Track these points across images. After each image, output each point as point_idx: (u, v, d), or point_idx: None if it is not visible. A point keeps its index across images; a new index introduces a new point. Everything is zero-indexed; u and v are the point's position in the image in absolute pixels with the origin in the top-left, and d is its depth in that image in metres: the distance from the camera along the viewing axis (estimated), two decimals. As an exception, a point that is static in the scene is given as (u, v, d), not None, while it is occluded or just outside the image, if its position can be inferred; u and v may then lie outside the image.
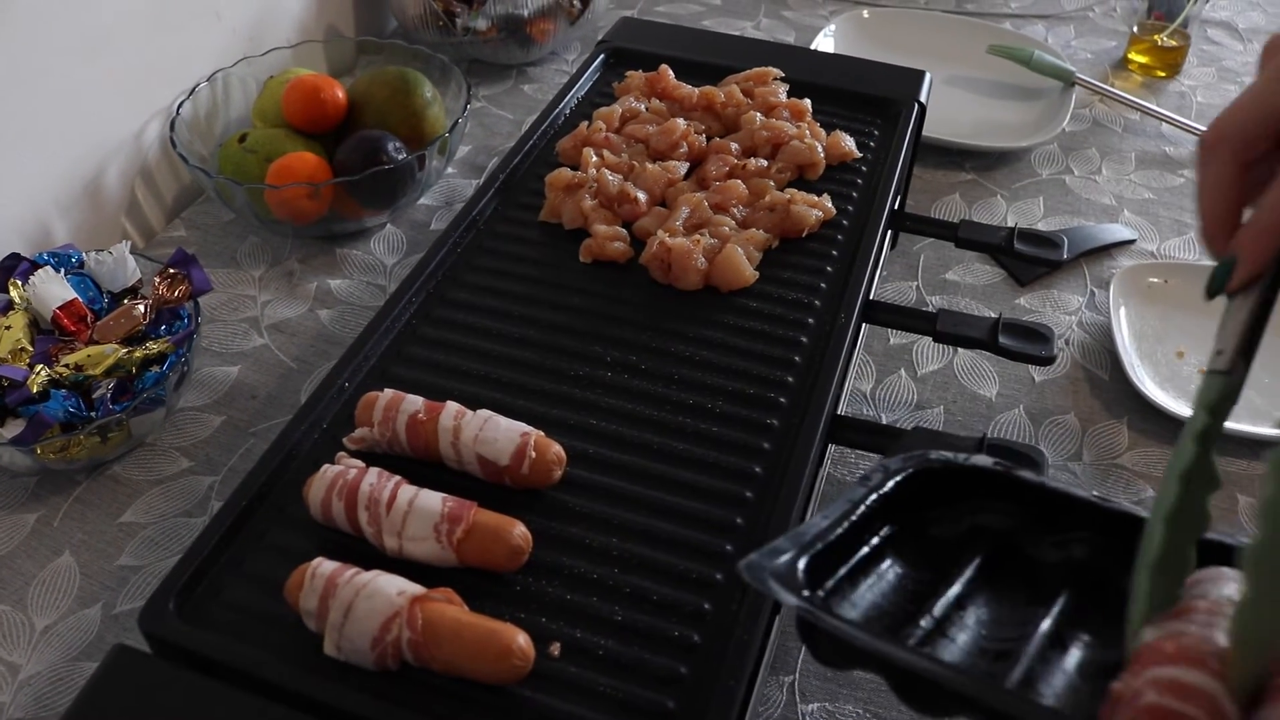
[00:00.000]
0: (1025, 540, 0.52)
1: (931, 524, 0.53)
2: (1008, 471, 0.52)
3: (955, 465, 0.54)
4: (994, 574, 0.52)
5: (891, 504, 0.52)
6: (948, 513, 0.53)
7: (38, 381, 0.81)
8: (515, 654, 0.53)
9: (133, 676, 0.55)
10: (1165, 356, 0.95)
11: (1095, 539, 0.51)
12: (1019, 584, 0.52)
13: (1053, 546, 0.52)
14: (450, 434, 0.63)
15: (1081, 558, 0.52)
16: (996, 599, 0.51)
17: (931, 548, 0.53)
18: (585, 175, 0.84)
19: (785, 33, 1.44)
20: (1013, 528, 0.53)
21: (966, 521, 0.54)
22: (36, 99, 0.95)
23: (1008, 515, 0.53)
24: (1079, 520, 0.51)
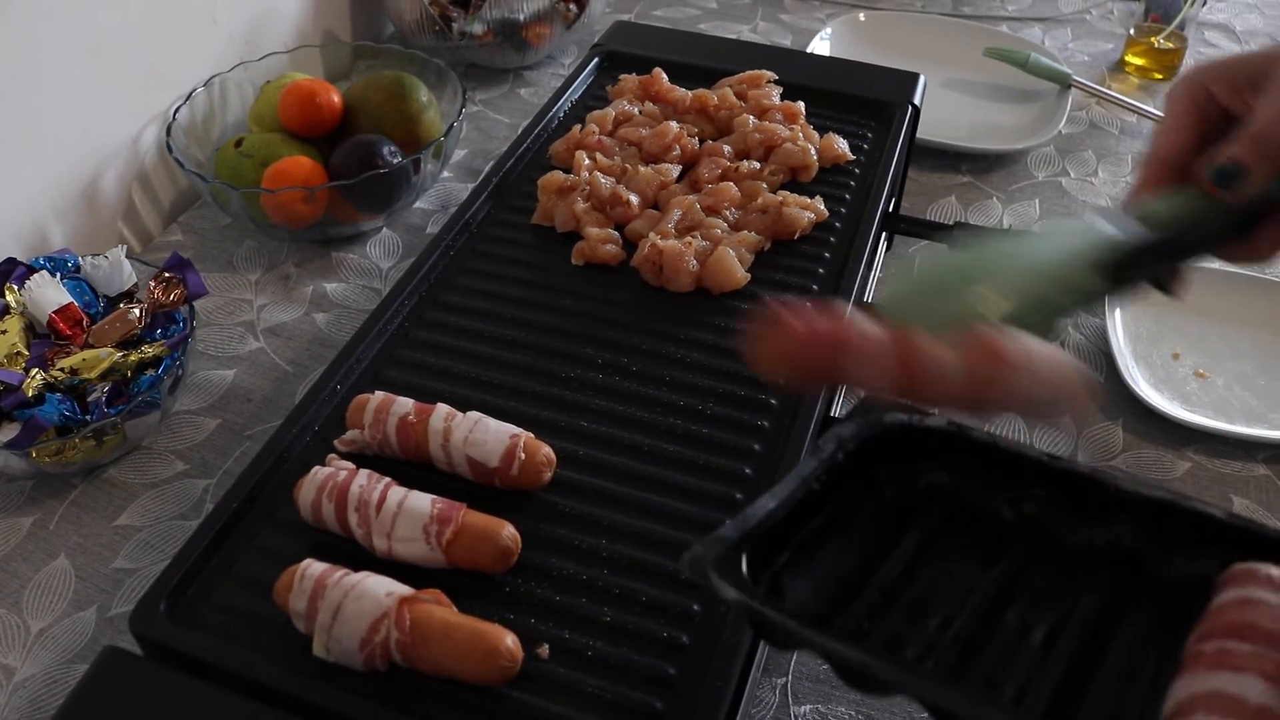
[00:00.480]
0: (979, 499, 0.53)
1: (886, 485, 0.54)
2: (960, 431, 0.53)
3: (908, 426, 0.53)
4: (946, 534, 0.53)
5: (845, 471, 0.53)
6: (902, 473, 0.54)
7: (33, 385, 0.81)
8: (503, 655, 0.53)
9: (123, 678, 0.55)
10: (1161, 358, 0.95)
11: (1048, 497, 0.52)
12: (971, 544, 0.52)
13: (1007, 504, 0.53)
14: (440, 436, 0.63)
15: (1035, 515, 0.52)
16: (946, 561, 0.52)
17: (886, 510, 0.53)
18: (578, 178, 0.84)
19: (782, 36, 1.44)
20: (966, 487, 0.53)
21: (921, 482, 0.54)
22: (34, 103, 0.95)
23: (961, 474, 0.53)
24: (1032, 478, 0.52)
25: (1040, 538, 0.52)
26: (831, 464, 0.51)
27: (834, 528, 0.52)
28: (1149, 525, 0.50)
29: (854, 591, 0.50)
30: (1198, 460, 0.87)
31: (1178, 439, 0.89)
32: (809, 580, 0.50)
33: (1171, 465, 0.87)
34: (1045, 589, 0.50)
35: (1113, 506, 0.50)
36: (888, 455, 0.53)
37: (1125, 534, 0.50)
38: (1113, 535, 0.50)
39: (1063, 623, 0.49)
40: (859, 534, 0.52)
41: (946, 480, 0.54)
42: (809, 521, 0.51)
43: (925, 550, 0.52)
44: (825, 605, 0.50)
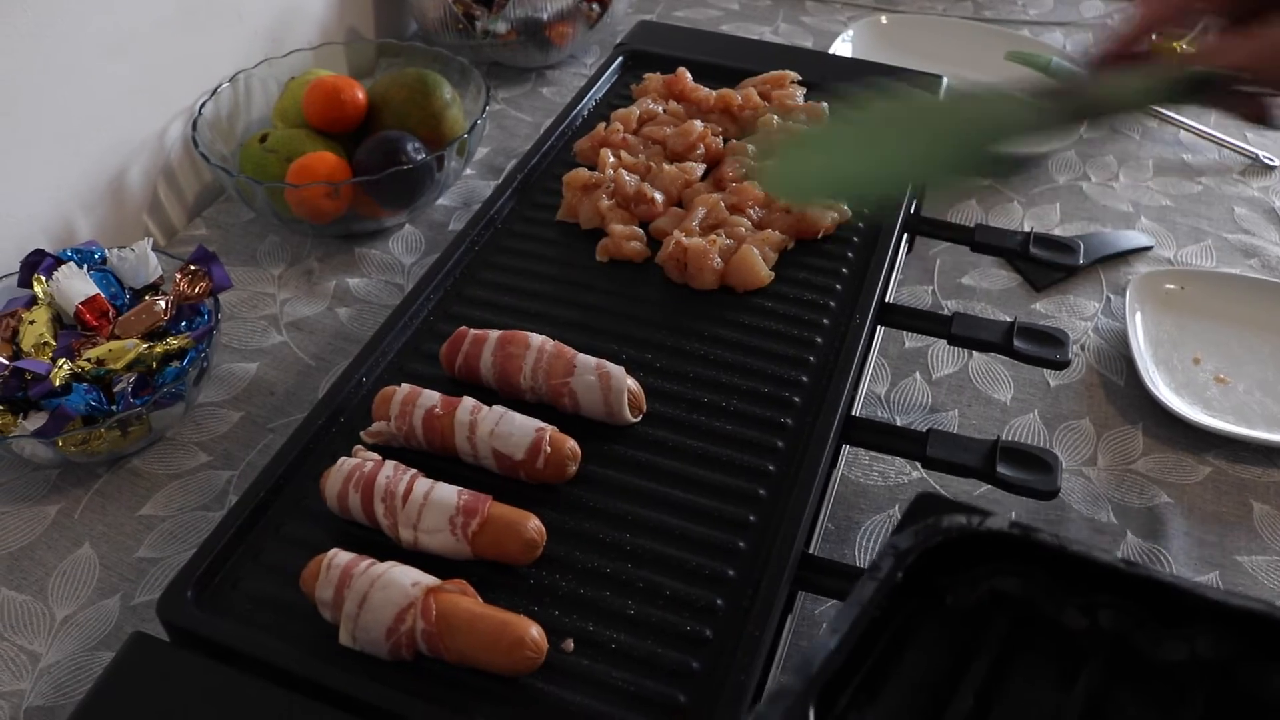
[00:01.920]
0: (1048, 606, 0.50)
1: (946, 592, 0.51)
2: (1025, 533, 0.49)
3: (968, 530, 0.50)
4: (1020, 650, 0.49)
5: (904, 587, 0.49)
6: (963, 578, 0.50)
7: (60, 375, 0.82)
8: (528, 645, 0.53)
9: (150, 663, 0.56)
10: (1181, 363, 0.95)
11: (1122, 604, 0.48)
12: (1044, 659, 0.49)
13: (1078, 611, 0.49)
14: (466, 428, 0.64)
15: (1110, 626, 0.49)
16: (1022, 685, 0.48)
17: (949, 623, 0.50)
18: (603, 175, 0.85)
19: (803, 38, 1.44)
20: (1034, 593, 0.50)
21: (983, 586, 0.51)
22: (61, 98, 0.96)
23: (1028, 579, 0.50)
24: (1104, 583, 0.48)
25: (1119, 650, 0.48)
26: (893, 585, 0.48)
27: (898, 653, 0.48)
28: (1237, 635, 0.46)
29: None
30: (1218, 465, 0.87)
31: (1198, 444, 0.89)
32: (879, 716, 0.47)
33: (1191, 470, 0.87)
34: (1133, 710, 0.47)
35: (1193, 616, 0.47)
36: (947, 563, 0.50)
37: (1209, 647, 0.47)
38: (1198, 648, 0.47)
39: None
40: (924, 658, 0.49)
41: (1012, 586, 0.50)
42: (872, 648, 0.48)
43: (997, 673, 0.48)
44: None
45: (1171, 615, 0.46)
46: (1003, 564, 0.50)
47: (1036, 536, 0.48)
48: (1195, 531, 0.82)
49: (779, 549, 0.60)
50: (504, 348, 0.68)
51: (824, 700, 0.44)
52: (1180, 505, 0.84)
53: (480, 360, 0.69)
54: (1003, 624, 0.50)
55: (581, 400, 0.67)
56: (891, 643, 0.48)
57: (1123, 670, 0.48)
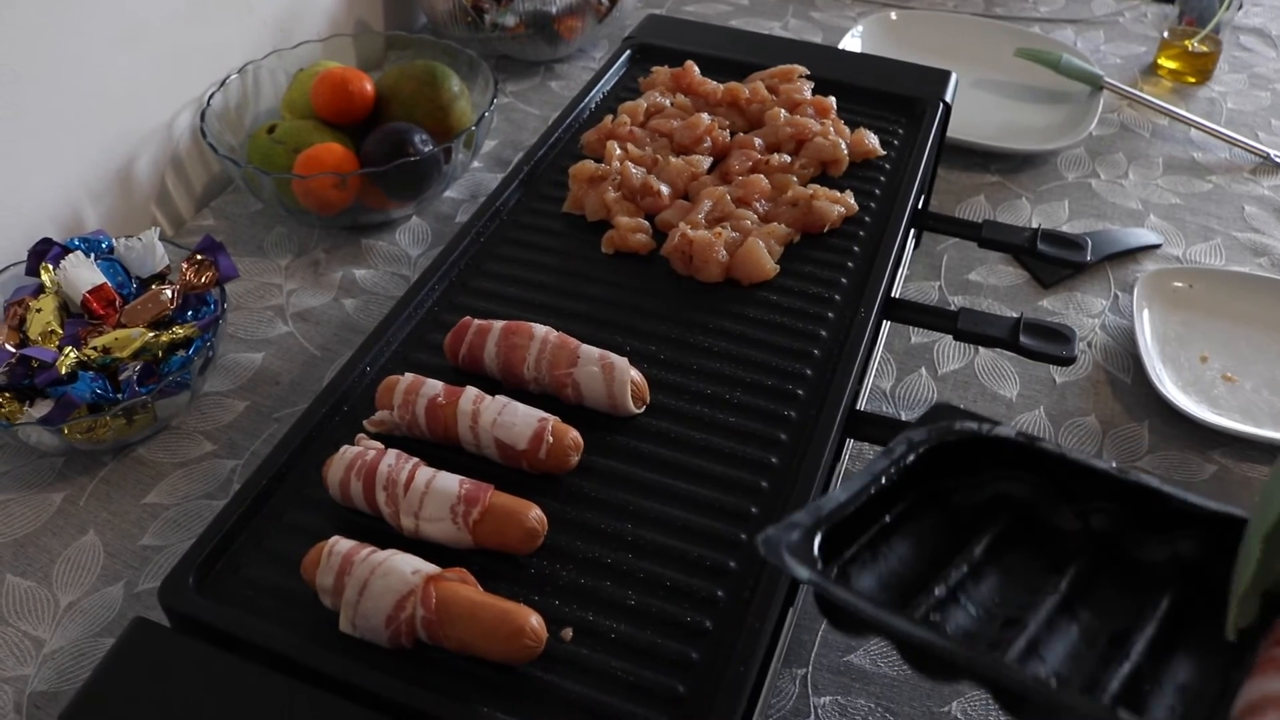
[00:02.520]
0: (1045, 509, 0.53)
1: (953, 492, 0.54)
2: (1030, 442, 0.53)
3: (978, 436, 0.54)
4: (1013, 541, 0.53)
5: (914, 475, 0.53)
6: (970, 481, 0.54)
7: (66, 363, 0.82)
8: (528, 634, 0.53)
9: (151, 649, 0.56)
10: (1189, 360, 0.94)
11: (1115, 509, 0.52)
12: (1037, 552, 0.53)
13: (1073, 515, 0.53)
14: (469, 418, 0.64)
15: (1100, 528, 0.52)
16: (1013, 566, 0.52)
17: (953, 516, 0.54)
18: (609, 168, 0.85)
19: (812, 33, 1.44)
20: (1034, 496, 0.54)
21: (988, 490, 0.54)
22: (71, 87, 0.96)
23: (1029, 484, 0.54)
24: (1099, 490, 0.52)
25: (1106, 550, 0.52)
26: (901, 465, 0.52)
27: (900, 529, 0.52)
28: (1216, 539, 0.49)
29: (920, 589, 0.50)
30: (1224, 464, 0.87)
31: (1204, 442, 0.88)
32: (875, 576, 0.50)
33: (1197, 468, 0.86)
34: (1112, 598, 0.50)
35: (1180, 520, 0.50)
36: (955, 464, 0.54)
37: (1190, 548, 0.50)
38: (1179, 549, 0.50)
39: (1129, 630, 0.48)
40: (926, 536, 0.53)
41: (1014, 490, 0.54)
42: (876, 520, 0.51)
43: (992, 555, 0.52)
44: (891, 600, 0.50)
45: (1159, 520, 0.49)
46: (1008, 469, 0.54)
47: (1040, 444, 0.52)
48: (1201, 530, 0.82)
49: (780, 541, 0.60)
50: (508, 338, 0.68)
51: (829, 547, 0.48)
52: (1186, 503, 0.83)
53: (484, 350, 0.69)
54: (1001, 522, 0.53)
55: (585, 391, 0.67)
56: (898, 519, 0.52)
57: (1107, 566, 0.51)
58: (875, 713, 0.70)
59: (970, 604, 0.50)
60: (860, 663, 0.72)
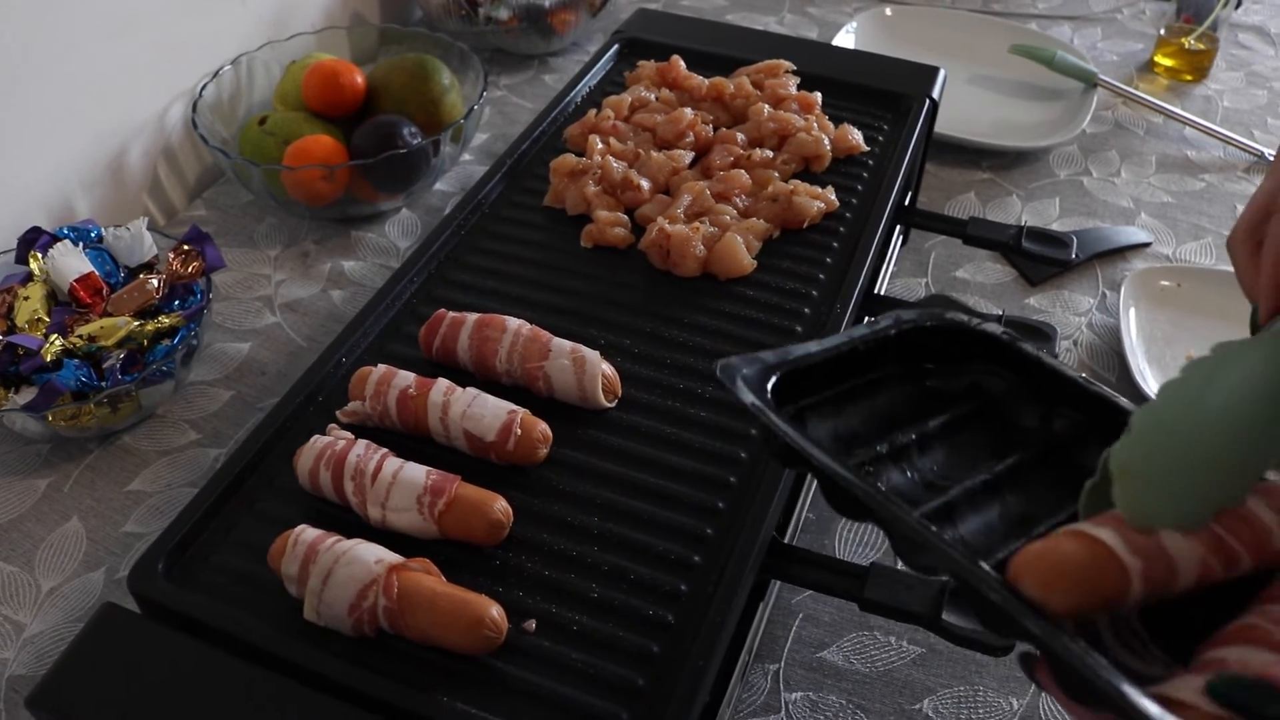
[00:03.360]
0: (1012, 404, 0.55)
1: (933, 374, 0.56)
2: (1012, 341, 0.55)
3: (965, 327, 0.56)
4: (971, 423, 0.55)
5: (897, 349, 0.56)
6: (949, 368, 0.57)
7: (52, 351, 0.83)
8: (487, 625, 0.54)
9: (119, 635, 0.56)
10: (1174, 360, 0.94)
11: (1076, 417, 0.54)
12: (990, 437, 0.55)
13: (1036, 415, 0.55)
14: (439, 409, 0.64)
15: (1059, 431, 0.54)
16: (961, 444, 0.54)
17: (925, 393, 0.56)
18: (590, 162, 0.85)
19: (808, 28, 1.44)
20: (1006, 393, 0.56)
21: (965, 379, 0.57)
22: (64, 77, 0.97)
23: (1005, 381, 0.56)
24: (1066, 397, 0.54)
25: (1055, 451, 0.54)
26: (883, 336, 0.54)
27: (869, 392, 0.55)
28: None
29: (867, 443, 0.52)
30: (1206, 463, 0.86)
31: (1187, 441, 0.88)
32: (830, 425, 0.53)
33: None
34: (1042, 491, 0.52)
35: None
36: (939, 349, 0.56)
37: None
38: None
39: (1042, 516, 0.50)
40: (892, 403, 0.55)
41: (990, 383, 0.56)
42: (848, 378, 0.54)
43: (946, 431, 0.54)
44: (840, 447, 0.52)
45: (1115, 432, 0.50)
46: (987, 365, 0.56)
47: (1020, 344, 0.55)
48: (1179, 529, 0.81)
49: (745, 536, 0.60)
50: (480, 331, 0.69)
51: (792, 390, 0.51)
52: (1166, 503, 0.83)
53: (457, 343, 0.69)
54: (967, 408, 0.56)
55: (556, 384, 0.67)
56: (868, 384, 0.55)
57: (1051, 464, 0.53)
58: (846, 709, 0.70)
59: (907, 467, 0.52)
60: (833, 659, 0.73)
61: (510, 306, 0.76)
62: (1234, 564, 0.42)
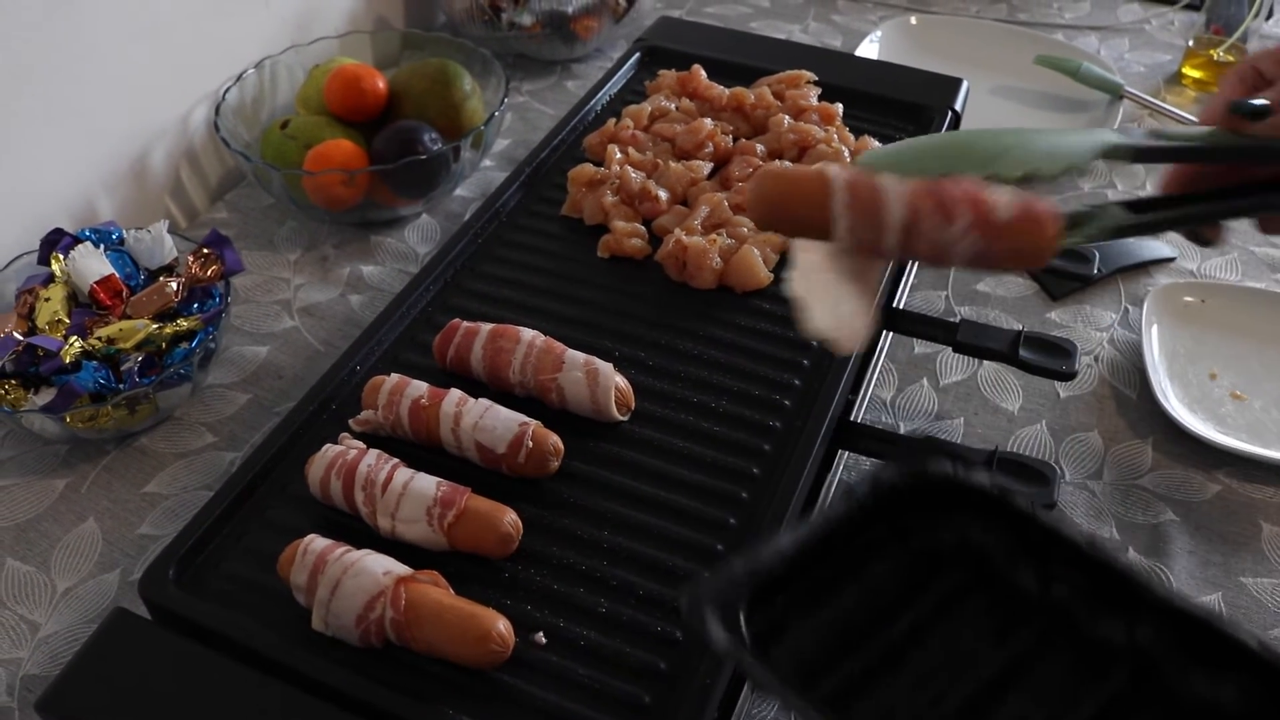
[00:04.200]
0: (1007, 563, 0.52)
1: (915, 534, 0.52)
2: (1002, 495, 0.51)
3: (950, 479, 0.52)
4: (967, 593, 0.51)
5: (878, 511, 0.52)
6: (936, 523, 0.52)
7: (71, 352, 0.83)
8: (494, 639, 0.54)
9: (129, 640, 0.57)
10: (1197, 377, 0.93)
11: (1077, 580, 0.50)
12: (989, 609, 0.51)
13: (1033, 577, 0.51)
14: (451, 420, 0.64)
15: (1059, 596, 0.50)
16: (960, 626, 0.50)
17: (911, 558, 0.52)
18: (608, 171, 0.85)
19: (833, 37, 1.43)
20: (997, 549, 0.52)
21: (953, 535, 0.52)
22: (88, 80, 0.98)
23: (995, 535, 0.52)
24: (1064, 557, 0.50)
25: (1059, 620, 0.50)
26: (861, 509, 0.50)
27: (853, 570, 0.51)
28: (1174, 634, 0.47)
29: (858, 643, 0.49)
30: (1228, 484, 0.85)
31: (1209, 461, 0.87)
32: (815, 623, 0.49)
33: (1200, 487, 0.85)
34: (1053, 679, 0.49)
35: (1142, 606, 0.48)
36: (921, 504, 0.52)
37: (1147, 636, 0.48)
38: (1134, 635, 0.49)
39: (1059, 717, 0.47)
40: (877, 582, 0.51)
41: (979, 539, 0.52)
42: (829, 559, 0.50)
43: (940, 611, 0.51)
44: (826, 653, 0.49)
45: (1120, 600, 0.48)
46: (974, 518, 0.52)
47: (1013, 499, 0.51)
48: (1200, 551, 0.80)
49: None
50: (494, 341, 0.69)
51: (768, 592, 0.47)
52: (1186, 524, 0.82)
53: (471, 353, 0.69)
54: (958, 573, 0.52)
55: (569, 396, 0.67)
56: (850, 560, 0.51)
57: (1055, 639, 0.49)
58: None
59: (902, 670, 0.48)
60: (843, 675, 0.72)
61: (525, 316, 0.75)
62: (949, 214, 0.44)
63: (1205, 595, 0.77)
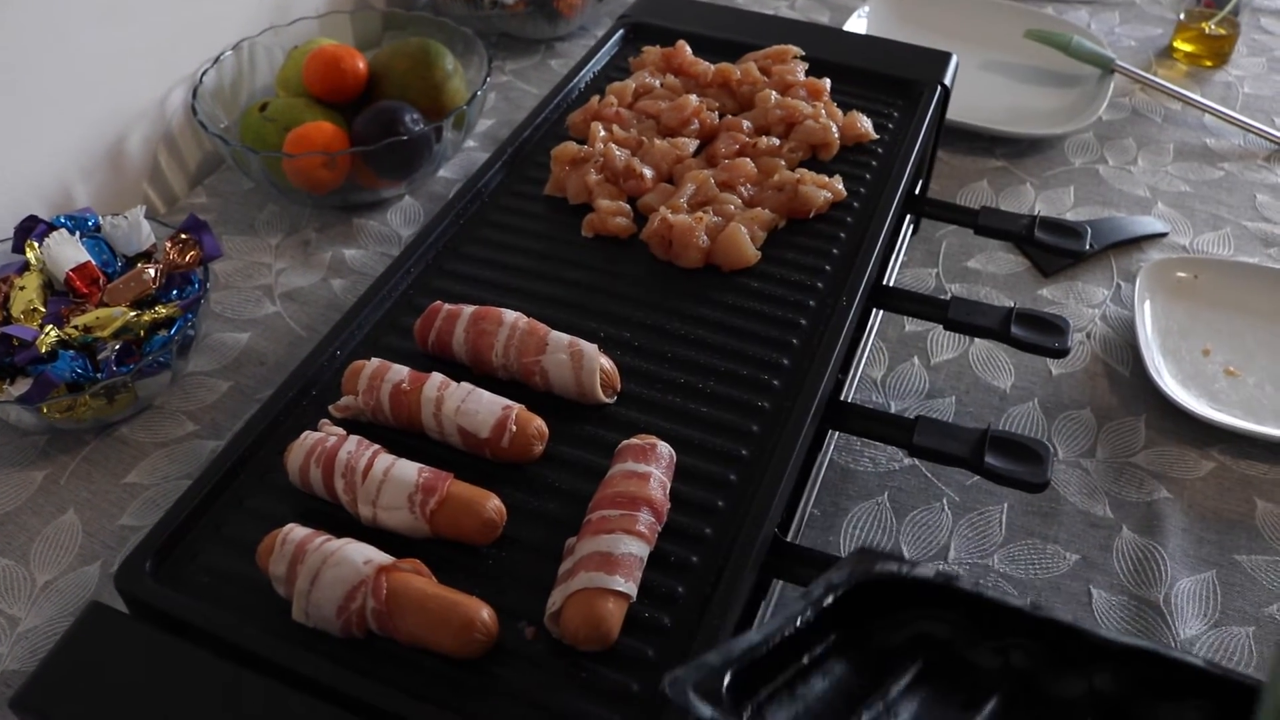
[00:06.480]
0: (965, 645, 0.53)
1: (875, 632, 0.54)
2: (948, 582, 0.53)
3: (897, 576, 0.53)
4: (931, 678, 0.53)
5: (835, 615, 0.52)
6: (890, 620, 0.54)
7: (47, 342, 0.82)
8: (477, 628, 0.52)
9: (106, 635, 0.55)
10: (1190, 353, 0.92)
11: (1032, 646, 0.51)
12: (955, 688, 0.52)
13: (991, 652, 0.52)
14: (433, 404, 0.63)
15: (1019, 665, 0.52)
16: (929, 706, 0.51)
17: (875, 654, 0.53)
18: (591, 149, 0.83)
19: (820, 12, 1.41)
20: (953, 634, 0.53)
21: (909, 629, 0.54)
22: (61, 63, 0.95)
23: (949, 622, 0.53)
24: (1016, 627, 0.51)
25: (1022, 687, 0.52)
26: (820, 607, 0.51)
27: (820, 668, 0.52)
28: (1131, 675, 0.49)
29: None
30: (1222, 461, 0.84)
31: (1202, 438, 0.86)
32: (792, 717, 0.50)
33: (1194, 465, 0.84)
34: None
35: (1096, 655, 0.50)
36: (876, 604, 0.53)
37: (1106, 683, 0.50)
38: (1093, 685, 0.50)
39: None
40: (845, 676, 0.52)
41: (934, 629, 0.53)
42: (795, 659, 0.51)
43: (909, 694, 0.52)
44: None
45: (1075, 654, 0.49)
46: (928, 609, 0.53)
47: (956, 583, 0.52)
48: (1194, 529, 0.80)
49: (745, 536, 0.59)
50: (476, 324, 0.67)
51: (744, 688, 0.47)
52: (1180, 501, 0.82)
53: (453, 336, 0.68)
54: (919, 664, 0.52)
55: (553, 378, 0.66)
56: (816, 662, 0.51)
57: (1022, 702, 0.50)
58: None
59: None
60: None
61: (508, 298, 0.74)
62: None
63: (1200, 573, 0.77)
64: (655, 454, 0.60)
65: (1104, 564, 0.77)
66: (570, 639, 0.54)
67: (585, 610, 0.53)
